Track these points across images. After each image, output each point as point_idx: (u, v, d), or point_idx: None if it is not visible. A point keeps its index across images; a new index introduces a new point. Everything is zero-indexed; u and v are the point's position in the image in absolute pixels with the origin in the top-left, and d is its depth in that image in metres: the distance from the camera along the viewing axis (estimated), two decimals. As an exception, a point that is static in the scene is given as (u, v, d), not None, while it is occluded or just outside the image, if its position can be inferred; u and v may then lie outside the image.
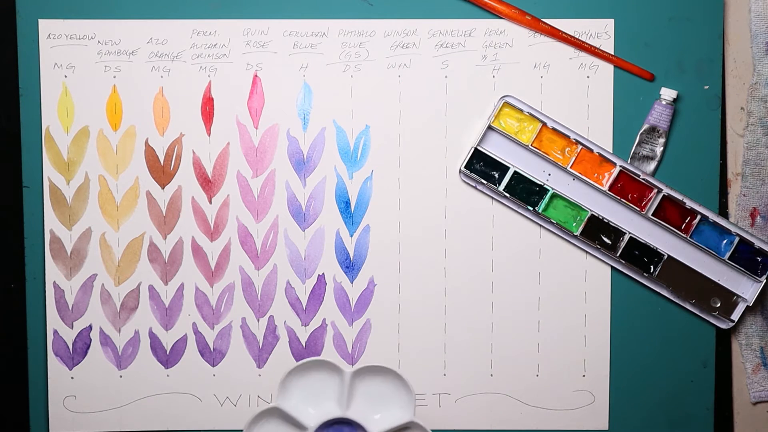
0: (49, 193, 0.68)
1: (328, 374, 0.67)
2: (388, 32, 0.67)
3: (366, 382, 0.67)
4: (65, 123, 0.67)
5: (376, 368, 0.66)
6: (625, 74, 0.67)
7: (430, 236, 0.68)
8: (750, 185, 0.68)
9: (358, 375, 0.66)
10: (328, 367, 0.66)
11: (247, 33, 0.67)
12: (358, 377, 0.66)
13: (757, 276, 0.67)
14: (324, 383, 0.67)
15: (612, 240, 0.67)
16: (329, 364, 0.66)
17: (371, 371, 0.67)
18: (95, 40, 0.67)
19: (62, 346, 0.68)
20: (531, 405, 0.69)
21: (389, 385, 0.67)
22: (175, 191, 0.68)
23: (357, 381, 0.67)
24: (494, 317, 0.68)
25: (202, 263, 0.68)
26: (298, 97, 0.68)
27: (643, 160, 0.67)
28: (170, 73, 0.67)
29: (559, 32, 0.66)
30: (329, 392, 0.67)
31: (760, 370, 0.69)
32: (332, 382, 0.67)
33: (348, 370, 0.66)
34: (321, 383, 0.67)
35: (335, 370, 0.66)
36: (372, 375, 0.67)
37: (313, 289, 0.68)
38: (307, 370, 0.67)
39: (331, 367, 0.66)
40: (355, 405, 0.67)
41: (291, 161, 0.68)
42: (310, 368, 0.67)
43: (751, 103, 0.67)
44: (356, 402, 0.67)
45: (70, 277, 0.68)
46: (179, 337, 0.69)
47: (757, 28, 0.67)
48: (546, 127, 0.66)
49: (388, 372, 0.66)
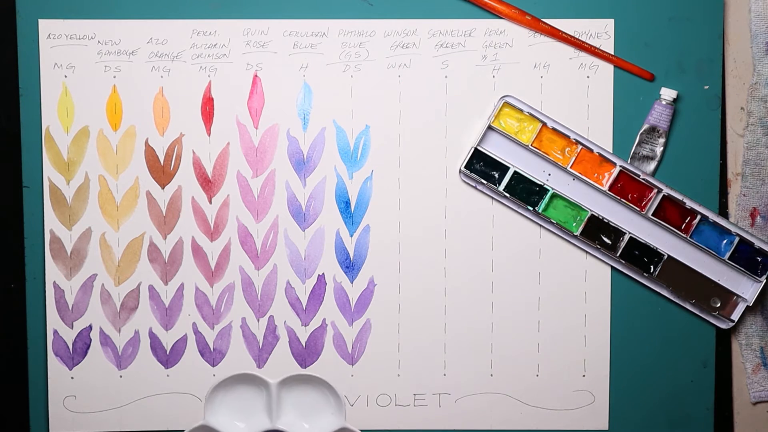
0: (49, 193, 0.68)
1: (255, 387, 0.67)
2: (388, 32, 0.67)
3: (295, 392, 0.68)
4: (65, 123, 0.67)
5: (303, 377, 0.67)
6: (625, 74, 0.67)
7: (430, 236, 0.68)
8: (750, 185, 0.68)
9: (286, 385, 0.67)
10: (254, 380, 0.67)
11: (247, 33, 0.67)
12: (285, 387, 0.67)
13: (757, 276, 0.67)
14: (252, 396, 0.68)
15: (612, 240, 0.67)
16: (255, 377, 0.67)
17: (298, 380, 0.67)
18: (95, 40, 0.67)
19: (62, 346, 0.68)
20: (531, 405, 0.69)
21: (319, 393, 0.68)
22: (175, 191, 0.68)
23: (285, 391, 0.67)
24: (494, 317, 0.68)
25: (202, 263, 0.68)
26: (298, 97, 0.68)
27: (643, 160, 0.67)
28: (170, 73, 0.67)
29: (559, 32, 0.66)
30: (258, 405, 0.68)
31: (760, 370, 0.69)
32: (259, 394, 0.67)
33: (273, 382, 0.66)
34: (249, 396, 0.68)
35: (261, 383, 0.67)
36: (300, 384, 0.67)
37: (313, 289, 0.68)
38: (234, 385, 0.67)
39: (256, 380, 0.67)
40: (284, 415, 0.67)
41: (291, 161, 0.68)
42: (236, 382, 0.67)
43: (751, 103, 0.67)
44: (286, 412, 0.67)
45: (70, 277, 0.68)
46: (179, 337, 0.69)
47: (757, 28, 0.67)
48: (546, 127, 0.66)
49: (316, 380, 0.67)
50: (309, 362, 0.69)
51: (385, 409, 0.69)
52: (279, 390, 0.67)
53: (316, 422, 0.68)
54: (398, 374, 0.69)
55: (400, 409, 0.69)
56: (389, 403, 0.69)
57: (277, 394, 0.67)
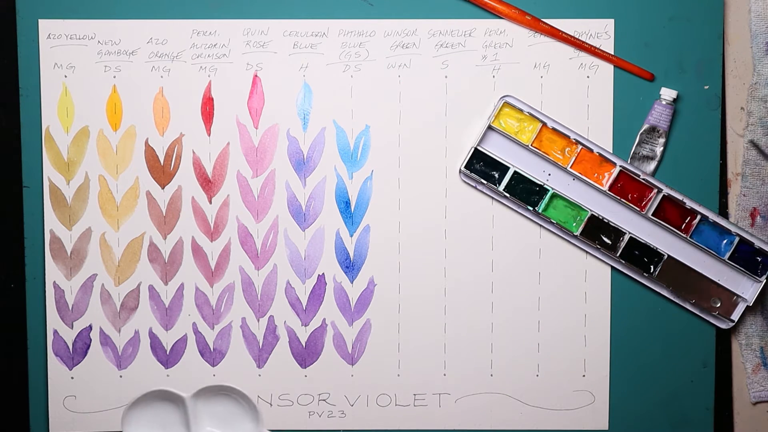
0: (49, 193, 0.68)
1: (170, 402, 0.68)
2: (388, 32, 0.67)
3: (211, 404, 0.68)
4: (65, 123, 0.67)
5: (216, 388, 0.67)
6: (625, 74, 0.67)
7: (430, 236, 0.68)
8: (750, 185, 0.68)
9: (201, 397, 0.67)
10: (169, 396, 0.67)
11: (247, 33, 0.67)
12: (201, 400, 0.67)
13: (757, 276, 0.67)
14: (168, 411, 0.68)
15: (612, 240, 0.67)
16: (169, 393, 0.67)
17: (212, 391, 0.68)
18: (95, 40, 0.67)
19: (62, 346, 0.68)
20: (531, 405, 0.69)
21: (235, 403, 0.68)
22: (175, 191, 0.68)
23: (201, 404, 0.67)
24: (494, 317, 0.68)
25: (202, 263, 0.68)
26: (298, 97, 0.68)
27: (643, 160, 0.67)
28: (170, 73, 0.67)
29: (559, 32, 0.66)
30: (174, 419, 0.68)
31: (760, 370, 0.69)
32: (176, 409, 0.68)
33: (187, 395, 0.67)
34: (166, 412, 0.68)
35: (177, 398, 0.67)
36: (215, 395, 0.68)
37: (313, 289, 0.68)
38: (150, 401, 0.67)
39: (171, 396, 0.67)
40: (202, 428, 0.68)
41: (291, 161, 0.68)
42: (152, 399, 0.67)
43: (751, 103, 0.67)
44: (203, 425, 0.68)
45: (70, 277, 0.68)
46: (179, 337, 0.69)
47: (757, 28, 0.67)
48: (546, 127, 0.66)
49: (229, 389, 0.67)
50: (309, 362, 0.69)
51: (385, 409, 0.69)
52: (194, 403, 0.67)
53: (236, 431, 0.68)
54: (398, 374, 0.69)
55: (400, 409, 0.69)
56: (389, 403, 0.69)
57: (193, 407, 0.67)
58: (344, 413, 0.69)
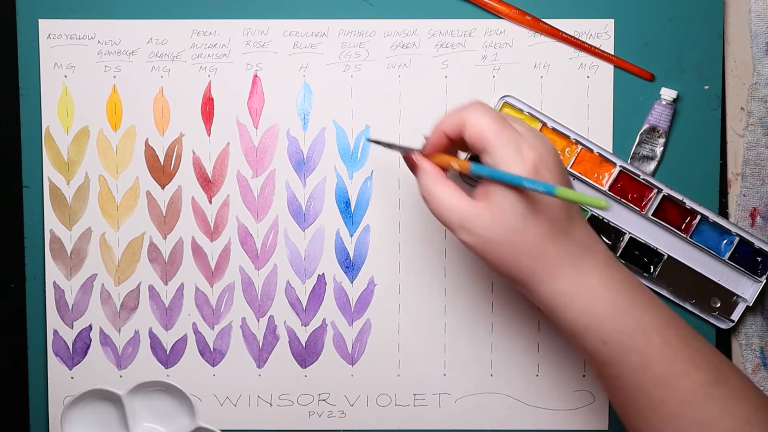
0: (49, 193, 0.68)
1: (106, 401, 0.68)
2: (388, 32, 0.67)
3: (148, 400, 0.68)
4: (65, 123, 0.67)
5: (153, 383, 0.68)
6: (625, 74, 0.67)
7: (430, 236, 0.68)
8: (750, 185, 0.68)
9: (138, 394, 0.67)
10: (104, 394, 0.67)
11: (247, 33, 0.67)
12: (138, 396, 0.68)
13: (757, 276, 0.67)
14: (105, 410, 0.68)
15: (612, 240, 0.67)
16: (104, 392, 0.67)
17: (149, 387, 0.68)
18: (95, 40, 0.67)
19: (62, 346, 0.68)
20: (531, 405, 0.69)
21: (170, 397, 0.68)
22: (175, 191, 0.68)
23: (138, 400, 0.68)
24: (494, 317, 0.68)
25: (202, 263, 0.68)
26: (298, 97, 0.68)
27: (643, 160, 0.67)
28: (170, 73, 0.67)
29: (559, 32, 0.66)
30: (111, 417, 0.68)
31: (760, 370, 0.69)
32: (112, 407, 0.68)
33: (122, 393, 0.67)
34: (102, 410, 0.68)
35: (112, 396, 0.67)
36: (152, 392, 0.68)
37: (313, 289, 0.68)
38: (86, 401, 0.68)
39: (106, 394, 0.67)
40: (140, 424, 0.68)
41: (291, 161, 0.68)
42: (88, 398, 0.68)
43: (751, 103, 0.67)
44: (141, 421, 0.68)
45: (70, 277, 0.68)
46: (179, 337, 0.69)
47: (757, 28, 0.67)
48: (546, 127, 0.66)
49: (165, 385, 0.68)
50: (309, 362, 0.69)
51: (385, 409, 0.69)
52: (131, 400, 0.67)
53: (172, 426, 0.69)
54: (398, 374, 0.69)
55: (400, 409, 0.69)
56: (389, 403, 0.69)
57: (131, 404, 0.67)
58: (344, 413, 0.69)
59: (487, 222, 0.50)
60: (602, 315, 0.51)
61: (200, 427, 0.68)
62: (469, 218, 0.51)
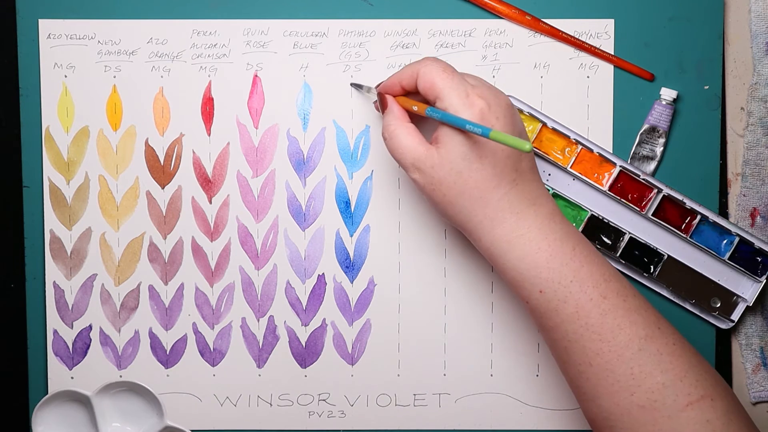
0: (49, 193, 0.68)
1: (77, 402, 0.68)
2: (388, 32, 0.67)
3: (117, 400, 0.68)
4: (65, 123, 0.67)
5: (120, 383, 0.68)
6: (625, 74, 0.67)
7: (430, 236, 0.68)
8: (750, 185, 0.68)
9: (107, 394, 0.68)
10: (75, 395, 0.67)
11: (247, 33, 0.67)
12: (107, 397, 0.68)
13: (757, 276, 0.67)
14: (75, 411, 0.68)
15: (612, 240, 0.67)
16: (73, 393, 0.67)
17: (117, 387, 0.68)
18: (95, 40, 0.67)
19: (62, 346, 0.68)
20: (531, 405, 0.69)
21: (140, 398, 0.68)
22: (175, 191, 0.68)
23: (107, 401, 0.68)
24: (494, 317, 0.68)
25: (202, 263, 0.68)
26: (298, 97, 0.68)
27: (643, 160, 0.67)
28: (170, 73, 0.67)
29: (559, 32, 0.66)
30: (81, 419, 0.68)
31: (760, 370, 0.69)
32: (82, 408, 0.68)
33: (90, 394, 0.67)
34: (73, 412, 0.68)
35: (81, 397, 0.67)
36: (121, 392, 0.68)
37: (313, 289, 0.68)
38: (58, 402, 0.68)
39: (75, 396, 0.67)
40: (109, 425, 0.68)
41: (291, 161, 0.68)
42: (60, 399, 0.68)
43: (751, 103, 0.67)
44: (110, 421, 0.68)
45: (70, 277, 0.68)
46: (179, 337, 0.69)
47: (757, 28, 0.67)
48: (546, 127, 0.66)
49: (133, 385, 0.68)
50: (309, 362, 0.69)
51: (385, 409, 0.69)
52: (100, 400, 0.67)
53: (141, 425, 0.69)
54: (398, 374, 0.69)
55: (400, 409, 0.69)
56: (389, 403, 0.69)
57: (99, 404, 0.67)
58: (344, 413, 0.69)
59: (435, 162, 0.54)
60: (540, 264, 0.54)
61: (168, 426, 0.68)
62: (421, 158, 0.55)
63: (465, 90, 0.54)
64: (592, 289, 0.54)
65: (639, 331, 0.53)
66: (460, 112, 0.53)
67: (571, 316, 0.53)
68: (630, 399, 0.52)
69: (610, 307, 0.53)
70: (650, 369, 0.52)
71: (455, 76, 0.55)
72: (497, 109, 0.54)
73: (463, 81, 0.55)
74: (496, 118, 0.54)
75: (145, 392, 0.68)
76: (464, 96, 0.54)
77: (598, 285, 0.54)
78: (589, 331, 0.53)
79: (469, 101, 0.53)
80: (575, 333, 0.54)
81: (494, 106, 0.54)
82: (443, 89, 0.54)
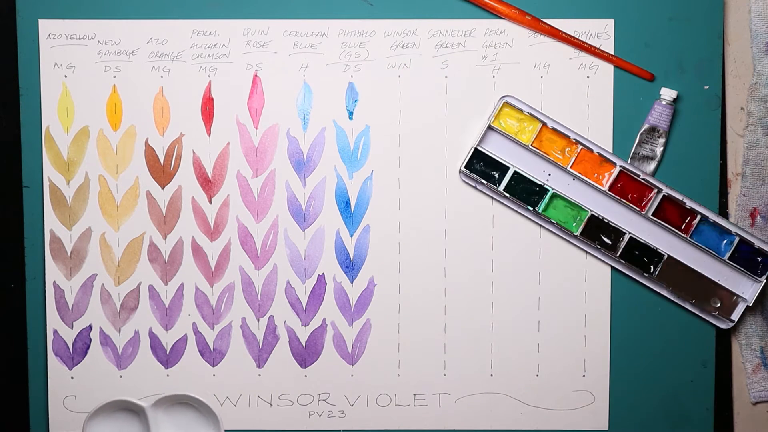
0: (49, 193, 0.68)
1: (130, 412, 0.68)
2: (388, 32, 0.67)
3: (171, 412, 0.68)
4: (65, 123, 0.67)
5: (176, 397, 0.67)
6: (625, 74, 0.67)
7: (430, 236, 0.68)
8: (750, 185, 0.68)
9: (161, 406, 0.67)
10: (129, 405, 0.67)
11: (247, 33, 0.67)
12: (161, 409, 0.67)
13: (757, 276, 0.67)
14: (128, 421, 0.68)
15: (612, 240, 0.67)
16: (129, 403, 0.67)
17: (172, 401, 0.68)
18: (95, 40, 0.67)
19: (62, 346, 0.68)
20: (531, 405, 0.69)
21: (194, 410, 0.68)
22: (175, 191, 0.68)
23: (161, 413, 0.68)
24: (494, 317, 0.68)
25: (202, 263, 0.68)
26: (298, 97, 0.68)
27: (643, 160, 0.67)
28: (170, 73, 0.67)
29: (559, 32, 0.66)
30: (135, 429, 0.68)
31: (760, 370, 0.69)
32: (136, 418, 0.68)
33: (147, 405, 0.67)
34: (126, 422, 0.68)
35: (137, 407, 0.67)
36: (175, 404, 0.68)
37: (313, 289, 0.68)
38: (110, 412, 0.68)
39: (131, 405, 0.67)
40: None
41: (291, 161, 0.68)
42: (112, 409, 0.68)
43: (751, 103, 0.67)
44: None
45: (70, 277, 0.68)
46: (179, 337, 0.69)
47: (757, 28, 0.67)
48: (546, 127, 0.66)
49: (190, 398, 0.67)
50: (309, 362, 0.69)
51: (385, 409, 0.69)
52: (155, 412, 0.67)
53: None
54: (398, 374, 0.69)
55: (400, 409, 0.69)
56: (389, 403, 0.69)
57: (154, 416, 0.67)
58: (344, 413, 0.69)
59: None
60: None
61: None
62: None
63: None
64: None
65: None
66: None
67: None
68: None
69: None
70: None
71: None
72: None
73: None
74: None
75: (201, 405, 0.68)
76: None
77: None
78: None
79: None
80: None
81: None
82: None
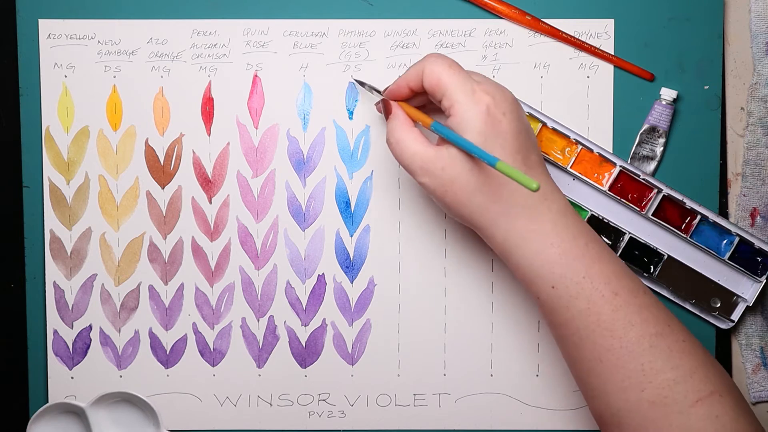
0: (49, 193, 0.68)
1: (72, 414, 0.68)
2: (388, 32, 0.67)
3: (113, 411, 0.68)
4: (65, 123, 0.67)
5: (113, 395, 0.67)
6: (625, 74, 0.67)
7: (430, 236, 0.68)
8: (750, 185, 0.68)
9: (102, 405, 0.67)
10: (70, 407, 0.67)
11: (247, 33, 0.67)
12: (102, 408, 0.67)
13: (757, 276, 0.67)
14: (71, 423, 0.68)
15: (612, 240, 0.67)
16: (67, 405, 0.67)
17: (112, 398, 0.68)
18: (95, 40, 0.67)
19: (62, 346, 0.68)
20: (531, 405, 0.69)
21: (136, 408, 0.68)
22: (175, 191, 0.68)
23: (102, 412, 0.67)
24: (494, 317, 0.68)
25: (202, 263, 0.68)
26: (298, 97, 0.68)
27: (643, 160, 0.67)
28: (170, 73, 0.67)
29: (559, 32, 0.66)
30: (77, 430, 0.68)
31: (760, 370, 0.69)
32: (78, 420, 0.68)
33: (86, 405, 0.67)
34: (68, 423, 0.68)
35: (75, 409, 0.67)
36: (117, 402, 0.68)
37: (313, 289, 0.68)
38: (53, 414, 0.67)
39: (72, 407, 0.67)
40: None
41: (291, 161, 0.68)
42: (54, 412, 0.67)
43: (751, 103, 0.67)
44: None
45: (70, 277, 0.68)
46: (179, 337, 0.69)
47: (757, 28, 0.67)
48: (546, 127, 0.66)
49: (128, 395, 0.67)
50: (309, 362, 0.69)
51: (385, 409, 0.69)
52: (96, 412, 0.67)
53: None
54: (398, 374, 0.69)
55: (400, 409, 0.69)
56: (389, 403, 0.69)
57: (95, 416, 0.67)
58: (344, 413, 0.69)
59: (446, 162, 0.54)
60: (552, 260, 0.54)
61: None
62: (431, 161, 0.54)
63: (471, 87, 0.54)
64: (603, 286, 0.54)
65: (650, 328, 0.53)
66: (467, 109, 0.53)
67: (582, 312, 0.53)
68: (640, 395, 0.52)
69: (622, 304, 0.53)
70: (661, 365, 0.52)
71: (461, 72, 0.55)
72: (503, 105, 0.54)
73: (468, 77, 0.55)
74: (503, 114, 0.54)
75: (141, 402, 0.68)
76: (470, 93, 0.53)
77: (610, 281, 0.54)
78: (600, 327, 0.53)
79: (475, 98, 0.53)
80: (586, 329, 0.54)
81: (500, 102, 0.54)
82: (449, 86, 0.54)
